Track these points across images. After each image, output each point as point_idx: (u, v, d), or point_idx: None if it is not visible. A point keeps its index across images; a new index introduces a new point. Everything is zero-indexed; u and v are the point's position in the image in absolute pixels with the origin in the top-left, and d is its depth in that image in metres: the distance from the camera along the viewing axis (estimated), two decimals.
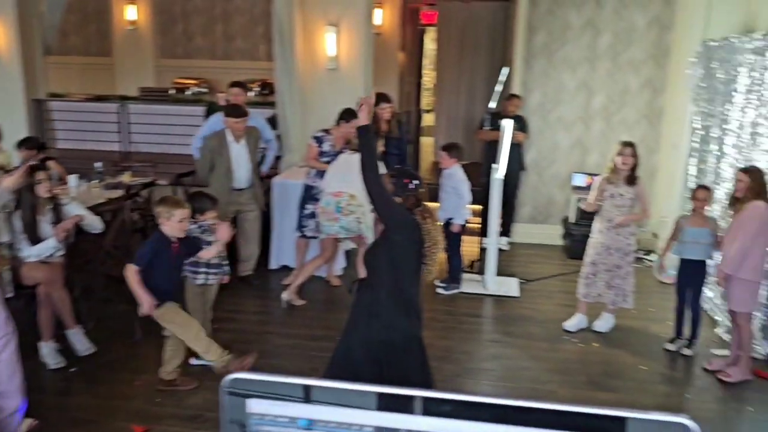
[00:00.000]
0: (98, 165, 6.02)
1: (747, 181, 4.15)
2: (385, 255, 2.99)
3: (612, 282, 4.93)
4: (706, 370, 4.45)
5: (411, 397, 0.53)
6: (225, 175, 5.40)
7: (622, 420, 0.53)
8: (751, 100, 4.95)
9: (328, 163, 5.23)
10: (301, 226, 5.57)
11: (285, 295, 5.35)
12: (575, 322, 5.09)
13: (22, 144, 5.54)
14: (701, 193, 4.55)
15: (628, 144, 4.79)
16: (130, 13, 9.29)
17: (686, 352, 4.68)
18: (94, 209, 4.85)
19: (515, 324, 5.22)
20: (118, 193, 5.60)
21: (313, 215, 5.38)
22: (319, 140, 5.43)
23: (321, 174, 5.27)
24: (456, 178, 5.61)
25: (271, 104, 7.43)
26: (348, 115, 5.32)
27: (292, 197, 5.85)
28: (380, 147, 5.63)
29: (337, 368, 3.11)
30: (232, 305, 5.21)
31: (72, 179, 5.58)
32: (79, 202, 4.74)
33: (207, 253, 4.08)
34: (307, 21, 6.79)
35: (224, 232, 4.09)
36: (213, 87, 9.11)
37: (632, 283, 4.94)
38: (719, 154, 5.53)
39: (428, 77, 11.77)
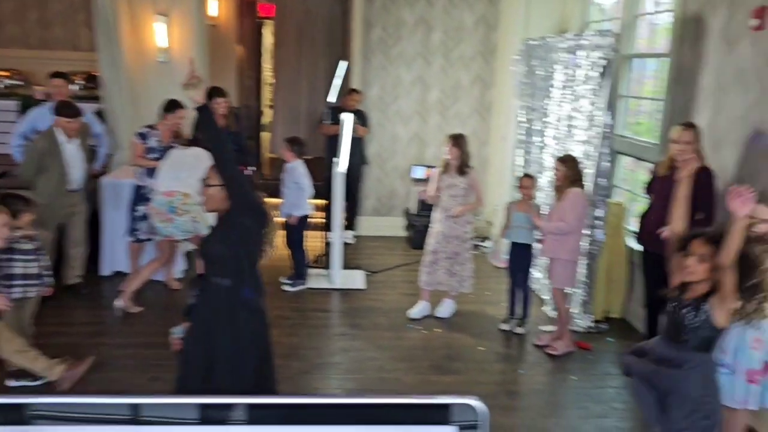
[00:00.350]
0: None
1: (563, 170, 4.52)
2: (235, 241, 2.88)
3: (452, 269, 5.14)
4: (536, 345, 4.79)
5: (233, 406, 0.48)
6: (58, 177, 4.94)
7: (414, 407, 0.51)
8: (566, 95, 5.40)
9: (157, 160, 4.91)
10: (132, 230, 5.20)
11: (118, 303, 4.97)
12: (419, 309, 5.25)
13: None
14: (526, 181, 4.88)
15: (453, 137, 5.01)
16: None
17: (519, 330, 5.01)
18: None
19: (362, 316, 5.27)
20: None
21: (144, 217, 5.04)
22: (143, 136, 5.09)
23: (150, 172, 4.95)
24: (297, 173, 5.54)
25: (98, 98, 6.86)
26: (172, 105, 5.06)
27: (122, 198, 5.44)
28: None
29: (192, 379, 2.94)
30: (57, 317, 4.75)
31: None
32: None
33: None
34: (133, 9, 6.34)
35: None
36: (28, 79, 8.22)
37: (470, 269, 5.19)
38: (542, 145, 5.97)
39: (269, 72, 11.54)
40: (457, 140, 4.98)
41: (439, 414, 0.52)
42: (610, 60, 4.68)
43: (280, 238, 3.13)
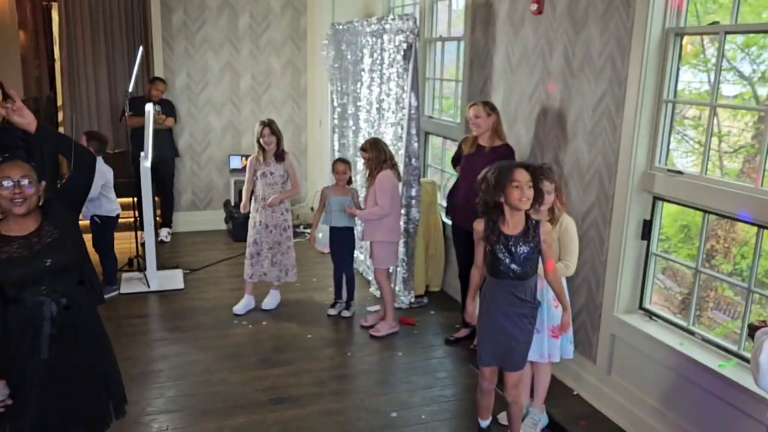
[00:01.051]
0: None
1: (367, 156, 4.59)
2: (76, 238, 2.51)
3: (274, 259, 5.03)
4: (363, 327, 4.85)
5: None
6: None
7: None
8: (375, 78, 5.48)
9: None
10: None
11: None
12: (244, 304, 5.08)
13: None
14: (339, 165, 4.89)
15: (265, 124, 4.87)
16: None
17: (345, 314, 5.04)
18: None
19: (182, 318, 4.98)
20: None
21: None
22: None
23: None
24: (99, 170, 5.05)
25: None
26: None
27: None
28: None
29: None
30: None
31: None
32: None
33: None
34: None
35: None
36: None
37: (293, 257, 5.11)
38: (356, 128, 6.03)
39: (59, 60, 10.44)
40: (273, 126, 4.86)
41: None
42: (411, 43, 4.82)
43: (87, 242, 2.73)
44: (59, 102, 8.96)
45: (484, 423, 3.32)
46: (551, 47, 4.02)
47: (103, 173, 5.10)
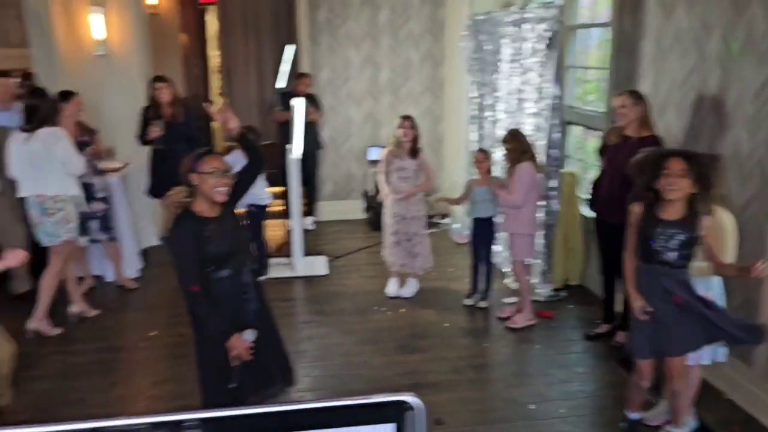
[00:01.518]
0: None
1: (507, 147, 4.57)
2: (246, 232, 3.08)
3: (412, 250, 5.17)
4: (500, 318, 4.86)
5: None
6: None
7: (339, 410, 0.51)
8: (515, 69, 5.42)
9: None
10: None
11: (72, 308, 4.83)
12: (392, 286, 5.28)
13: None
14: (480, 156, 4.91)
15: (407, 117, 5.01)
16: None
17: (482, 304, 5.08)
18: None
19: (326, 302, 5.26)
20: None
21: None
22: None
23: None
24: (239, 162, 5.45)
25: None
26: (65, 95, 4.89)
27: None
28: (157, 131, 5.28)
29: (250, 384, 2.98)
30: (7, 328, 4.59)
31: None
32: None
33: None
34: (66, 1, 6.10)
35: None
36: None
37: (428, 247, 5.22)
38: (494, 119, 6.00)
39: (216, 59, 11.30)
40: (413, 121, 4.98)
41: (375, 412, 0.52)
42: (554, 32, 4.72)
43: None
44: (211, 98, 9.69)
45: (634, 416, 3.23)
46: (708, 30, 3.77)
47: None
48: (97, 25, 6.14)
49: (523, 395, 3.80)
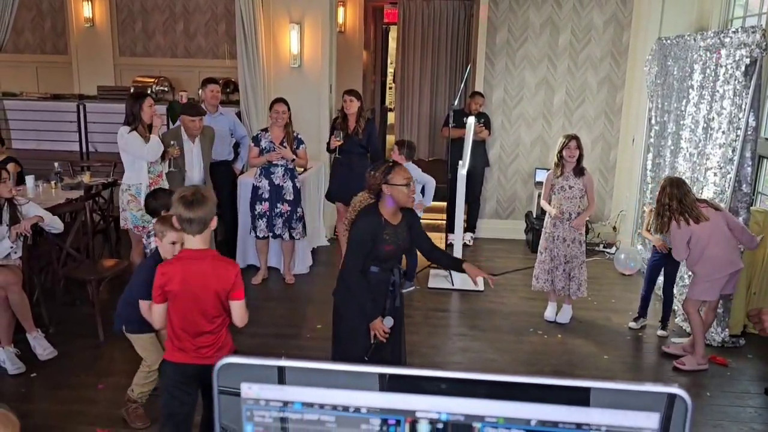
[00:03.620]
0: (56, 165, 5.88)
1: (659, 199, 4.37)
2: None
3: (572, 273, 5.04)
4: (664, 352, 4.60)
5: (411, 377, 0.54)
6: (177, 174, 5.30)
7: (608, 391, 0.55)
8: (705, 96, 5.12)
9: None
10: (253, 227, 5.62)
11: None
12: (550, 311, 5.20)
13: None
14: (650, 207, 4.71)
15: (572, 137, 4.92)
16: (87, 10, 9.08)
17: (660, 333, 4.89)
18: (53, 210, 4.73)
19: (481, 317, 5.29)
20: (77, 193, 5.47)
21: (263, 215, 5.48)
22: (256, 139, 5.57)
23: (265, 173, 5.48)
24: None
25: (235, 103, 7.37)
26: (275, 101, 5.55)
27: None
28: (338, 141, 5.69)
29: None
30: None
31: (29, 180, 5.45)
32: (37, 203, 4.63)
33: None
34: (270, 19, 6.76)
35: None
36: (174, 85, 8.98)
37: (585, 273, 5.07)
38: (674, 148, 5.69)
39: (392, 76, 11.81)
40: (578, 141, 4.90)
41: (643, 399, 0.55)
42: (755, 58, 4.40)
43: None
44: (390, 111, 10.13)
45: None
46: None
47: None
48: (293, 41, 6.73)
49: None
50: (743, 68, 4.50)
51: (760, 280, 4.90)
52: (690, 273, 4.65)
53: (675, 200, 4.28)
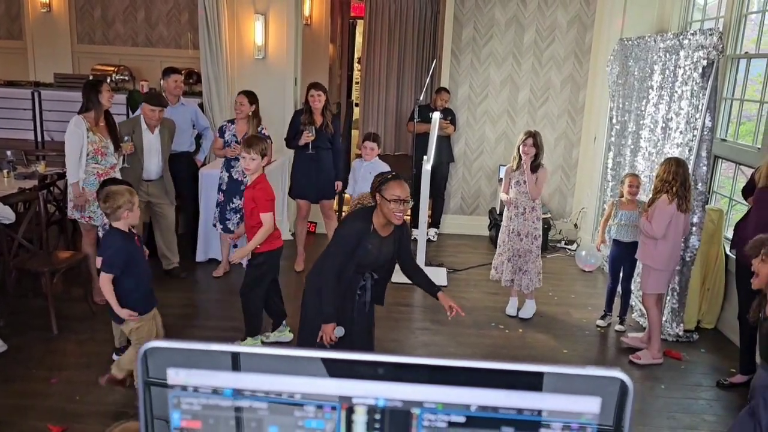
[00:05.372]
0: (9, 153, 5.70)
1: (658, 174, 4.38)
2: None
3: (523, 267, 5.09)
4: (624, 344, 4.73)
5: (347, 362, 0.52)
6: (135, 164, 5.17)
7: (550, 375, 0.54)
8: (663, 96, 5.22)
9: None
10: (224, 219, 5.48)
11: None
12: (512, 306, 5.25)
13: None
14: (633, 180, 4.79)
15: (530, 134, 4.97)
16: None
17: (618, 327, 4.99)
18: (5, 200, 4.59)
19: (443, 312, 5.24)
20: (31, 183, 5.31)
21: (218, 204, 5.45)
22: (220, 131, 5.54)
23: (227, 165, 5.43)
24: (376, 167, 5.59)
25: (198, 94, 7.24)
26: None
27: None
28: (310, 137, 5.55)
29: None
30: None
31: None
32: None
33: None
34: (234, 9, 6.65)
35: None
36: (134, 75, 8.78)
37: (539, 265, 5.13)
38: (634, 147, 5.80)
39: (357, 70, 11.77)
40: (537, 138, 4.95)
41: (584, 383, 0.54)
42: (712, 60, 4.50)
43: None
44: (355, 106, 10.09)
45: None
46: None
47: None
48: (258, 32, 6.64)
49: None
50: (700, 70, 4.60)
51: (713, 276, 5.02)
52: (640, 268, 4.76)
53: (678, 181, 4.27)
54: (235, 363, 0.50)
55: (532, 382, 0.52)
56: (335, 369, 0.50)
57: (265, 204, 4.00)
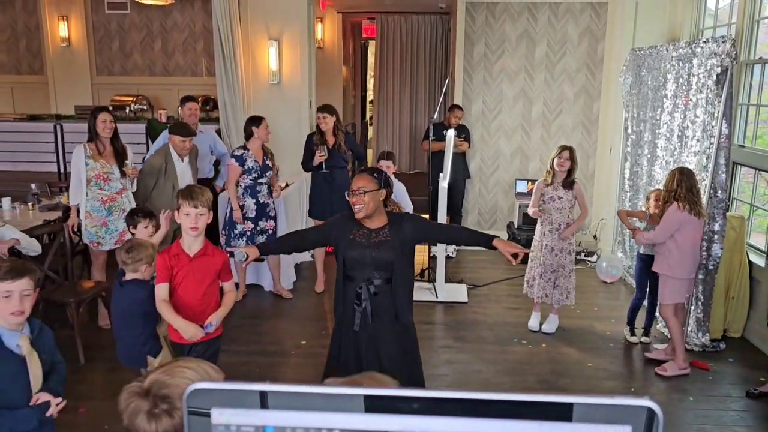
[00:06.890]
0: (34, 186, 5.82)
1: (665, 185, 4.39)
2: (409, 255, 3.15)
3: (557, 282, 5.08)
4: (648, 358, 4.65)
5: (390, 397, 0.53)
6: (170, 192, 5.27)
7: (579, 405, 0.55)
8: (678, 105, 5.21)
9: (255, 179, 5.37)
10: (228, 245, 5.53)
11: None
12: (534, 321, 5.23)
13: None
14: (658, 194, 4.74)
15: (566, 148, 4.96)
16: (63, 30, 9.03)
17: (643, 339, 4.95)
18: (30, 232, 4.68)
19: (466, 329, 5.30)
20: (55, 214, 5.42)
21: (243, 234, 5.43)
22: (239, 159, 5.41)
23: (250, 192, 5.40)
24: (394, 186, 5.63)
25: (215, 120, 7.36)
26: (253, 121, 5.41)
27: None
28: (324, 156, 5.61)
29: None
30: None
31: (5, 202, 5.38)
32: (14, 225, 4.57)
33: None
34: (248, 36, 6.77)
35: None
36: (153, 103, 8.95)
37: (574, 281, 5.11)
38: (651, 156, 5.78)
39: (372, 90, 11.87)
40: (572, 152, 4.94)
41: (613, 412, 0.54)
42: (726, 67, 4.49)
43: None
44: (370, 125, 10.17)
45: None
46: None
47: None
48: (272, 57, 6.74)
49: None
50: (714, 77, 4.59)
51: (737, 284, 4.96)
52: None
53: (683, 187, 4.30)
54: (281, 401, 0.53)
55: (563, 412, 0.54)
56: (372, 404, 0.52)
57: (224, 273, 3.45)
